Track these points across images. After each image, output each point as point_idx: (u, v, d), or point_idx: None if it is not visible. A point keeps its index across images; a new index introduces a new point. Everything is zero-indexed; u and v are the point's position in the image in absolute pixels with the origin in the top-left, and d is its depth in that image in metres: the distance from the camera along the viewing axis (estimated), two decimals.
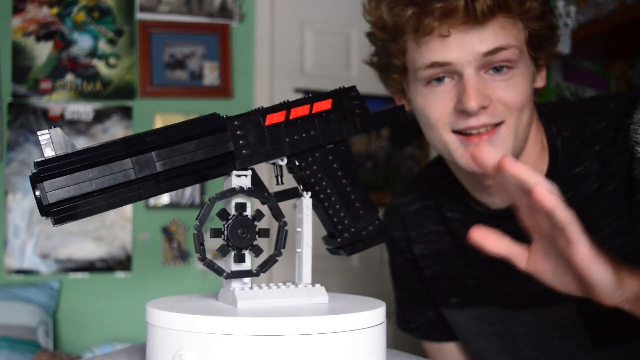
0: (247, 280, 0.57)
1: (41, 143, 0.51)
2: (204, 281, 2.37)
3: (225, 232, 0.55)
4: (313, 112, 0.61)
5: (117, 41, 2.37)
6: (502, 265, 0.92)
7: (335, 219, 0.62)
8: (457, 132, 0.82)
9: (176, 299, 0.59)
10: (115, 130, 2.34)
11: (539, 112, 0.90)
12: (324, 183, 0.61)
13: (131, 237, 2.34)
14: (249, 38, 2.49)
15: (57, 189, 0.50)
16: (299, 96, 2.64)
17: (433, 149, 2.70)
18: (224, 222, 0.55)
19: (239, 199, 0.56)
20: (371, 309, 0.53)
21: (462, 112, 0.79)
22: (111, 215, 2.32)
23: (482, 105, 0.78)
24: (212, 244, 0.57)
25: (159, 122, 2.35)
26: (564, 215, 0.58)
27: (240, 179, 0.56)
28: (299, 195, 0.60)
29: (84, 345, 2.22)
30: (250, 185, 0.57)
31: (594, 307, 0.86)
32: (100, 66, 2.35)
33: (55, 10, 2.33)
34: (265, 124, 0.58)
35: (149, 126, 2.35)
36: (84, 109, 2.33)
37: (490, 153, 0.61)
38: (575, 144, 0.87)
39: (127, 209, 2.34)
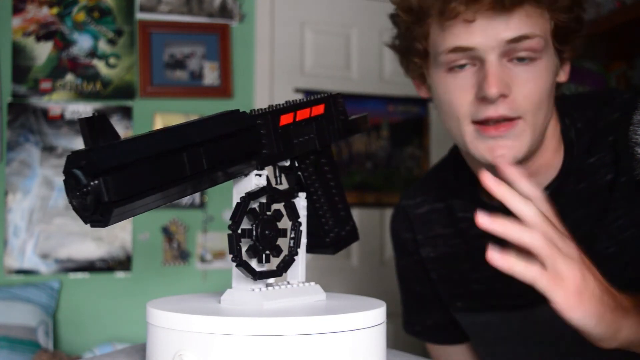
0: (271, 280, 0.57)
1: (85, 130, 0.43)
2: (204, 281, 2.37)
3: (257, 232, 0.54)
4: (312, 115, 0.62)
5: (117, 41, 2.37)
6: None
7: (323, 220, 0.64)
8: (476, 122, 0.81)
9: (176, 299, 0.59)
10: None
11: (555, 103, 0.90)
12: (316, 184, 0.63)
13: (131, 237, 2.34)
14: (249, 38, 2.49)
15: (122, 184, 0.43)
16: (299, 96, 2.63)
17: (434, 149, 2.71)
18: (252, 222, 0.54)
19: (263, 199, 0.55)
20: (371, 309, 0.53)
21: (482, 99, 0.78)
22: None
23: (502, 93, 0.77)
24: (213, 243, 0.57)
25: (159, 122, 2.35)
26: (527, 277, 0.62)
27: (257, 178, 0.56)
28: (294, 196, 0.60)
29: (84, 345, 2.22)
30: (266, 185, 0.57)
31: None
32: (100, 66, 2.35)
33: (55, 10, 2.33)
34: (280, 125, 0.58)
35: (149, 126, 2.35)
36: (84, 109, 2.33)
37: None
38: (589, 135, 0.86)
39: None
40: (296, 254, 0.58)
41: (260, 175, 0.56)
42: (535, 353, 0.95)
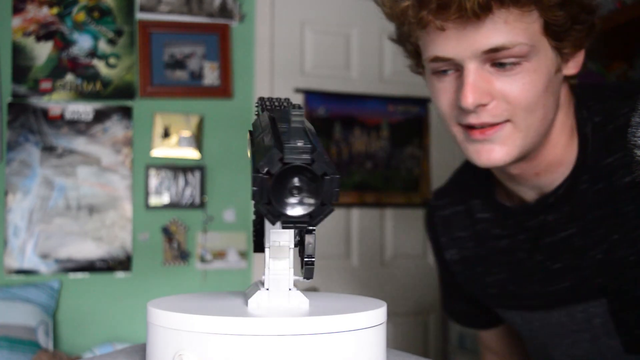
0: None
1: (299, 124, 0.40)
2: (204, 281, 2.37)
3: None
4: None
5: (117, 41, 2.37)
6: (524, 268, 0.91)
7: None
8: (463, 125, 0.79)
9: (177, 299, 0.58)
10: (115, 130, 2.34)
11: (572, 93, 0.85)
12: None
13: (131, 237, 2.34)
14: (249, 38, 2.49)
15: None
16: (299, 96, 2.59)
17: (434, 149, 2.70)
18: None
19: None
20: (372, 309, 0.53)
21: (461, 108, 0.76)
22: (111, 215, 2.32)
23: (479, 103, 0.74)
24: (213, 243, 0.56)
25: (159, 122, 2.35)
26: None
27: None
28: None
29: (84, 345, 2.22)
30: None
31: (625, 307, 0.82)
32: (100, 66, 2.35)
33: (55, 10, 2.33)
34: None
35: (149, 126, 2.35)
36: (84, 109, 2.33)
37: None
38: (607, 131, 0.80)
39: (127, 209, 2.34)
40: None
41: None
42: (556, 355, 0.94)
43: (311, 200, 0.40)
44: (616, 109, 0.80)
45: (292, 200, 0.40)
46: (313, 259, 0.51)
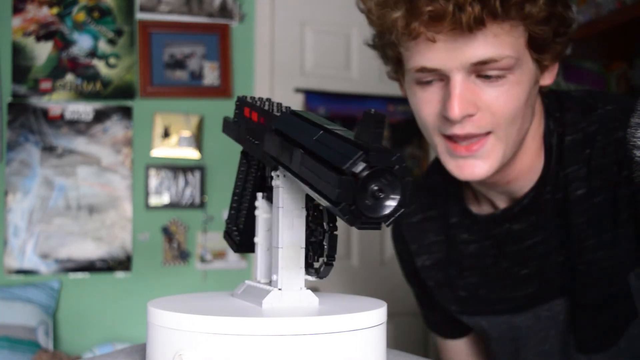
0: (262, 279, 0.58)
1: (380, 129, 0.40)
2: (204, 281, 2.37)
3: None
4: None
5: (117, 41, 2.37)
6: (493, 274, 0.93)
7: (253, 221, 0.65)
8: (446, 136, 0.80)
9: (177, 299, 0.59)
10: (115, 130, 2.34)
11: (542, 101, 0.86)
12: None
13: (131, 237, 2.34)
14: (249, 38, 2.49)
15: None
16: (299, 96, 2.59)
17: (433, 149, 2.71)
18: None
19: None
20: (372, 309, 0.53)
21: (447, 118, 0.77)
22: (111, 215, 2.32)
23: (466, 114, 0.75)
24: (213, 243, 0.56)
25: (159, 122, 2.35)
26: None
27: None
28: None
29: (84, 345, 2.22)
30: None
31: (578, 308, 0.86)
32: (100, 66, 2.35)
33: (55, 10, 2.33)
34: None
35: (149, 126, 2.35)
36: (84, 109, 2.33)
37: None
38: (565, 143, 0.83)
39: (127, 209, 2.34)
40: None
41: None
42: (526, 350, 0.96)
43: (392, 202, 0.41)
44: (574, 122, 0.82)
45: (374, 202, 0.41)
46: (334, 258, 0.51)
